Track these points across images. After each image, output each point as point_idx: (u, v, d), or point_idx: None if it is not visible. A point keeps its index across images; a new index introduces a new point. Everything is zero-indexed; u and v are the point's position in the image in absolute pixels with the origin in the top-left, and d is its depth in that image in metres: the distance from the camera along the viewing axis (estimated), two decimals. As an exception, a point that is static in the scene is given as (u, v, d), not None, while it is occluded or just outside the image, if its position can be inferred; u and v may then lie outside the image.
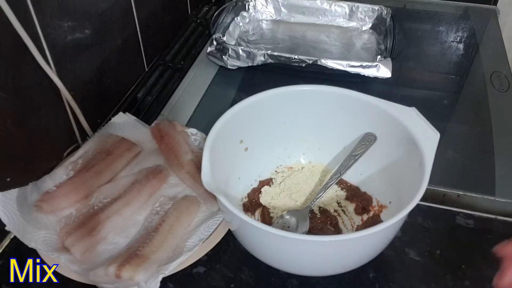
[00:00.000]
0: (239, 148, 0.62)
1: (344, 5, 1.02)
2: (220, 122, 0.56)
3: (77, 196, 0.60)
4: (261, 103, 0.61)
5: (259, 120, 0.62)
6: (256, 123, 0.62)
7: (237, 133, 0.61)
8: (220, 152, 0.55)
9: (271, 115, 0.62)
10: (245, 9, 1.02)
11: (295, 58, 0.83)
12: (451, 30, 1.05)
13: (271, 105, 0.62)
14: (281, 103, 0.62)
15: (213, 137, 0.55)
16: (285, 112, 0.63)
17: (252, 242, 0.52)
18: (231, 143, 0.61)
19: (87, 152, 0.66)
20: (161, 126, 0.69)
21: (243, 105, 0.59)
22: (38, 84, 0.61)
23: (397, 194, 0.58)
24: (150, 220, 0.59)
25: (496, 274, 0.43)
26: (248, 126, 0.61)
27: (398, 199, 0.57)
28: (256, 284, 0.54)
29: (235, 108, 0.58)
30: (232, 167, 0.61)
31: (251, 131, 0.62)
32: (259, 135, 0.63)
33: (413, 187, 0.49)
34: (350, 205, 0.62)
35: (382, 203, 0.60)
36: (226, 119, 0.57)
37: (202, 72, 0.89)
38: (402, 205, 0.47)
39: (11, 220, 0.55)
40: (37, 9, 0.57)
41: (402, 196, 0.55)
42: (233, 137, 0.60)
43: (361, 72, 0.82)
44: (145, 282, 0.50)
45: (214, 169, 0.51)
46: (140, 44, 0.87)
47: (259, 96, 0.60)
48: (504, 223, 0.61)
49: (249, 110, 0.60)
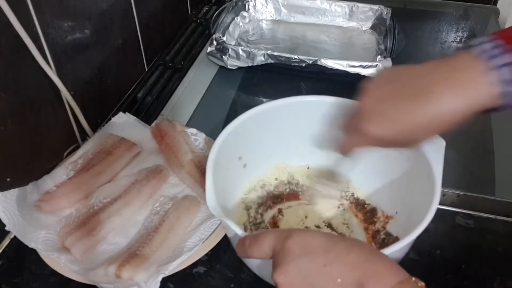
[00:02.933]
0: (238, 165, 0.61)
1: (344, 5, 1.02)
2: (220, 140, 0.55)
3: (77, 196, 0.60)
4: (260, 116, 0.59)
5: (257, 135, 0.60)
6: (253, 137, 0.60)
7: (236, 149, 0.59)
8: (222, 171, 0.54)
9: (268, 128, 0.60)
10: (245, 9, 1.02)
11: (295, 58, 0.83)
12: (451, 30, 1.05)
13: (268, 118, 0.60)
14: (278, 115, 0.60)
15: (214, 157, 0.53)
16: (282, 125, 0.61)
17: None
18: (231, 160, 0.59)
19: (87, 152, 0.66)
20: (161, 126, 0.69)
21: (242, 120, 0.57)
22: (38, 84, 0.61)
23: (403, 204, 0.56)
24: (150, 220, 0.59)
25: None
26: (245, 142, 0.59)
27: (405, 209, 0.55)
28: (256, 284, 0.54)
29: (234, 123, 0.57)
30: (232, 185, 0.60)
31: (249, 146, 0.60)
32: (257, 150, 0.61)
33: (422, 196, 0.47)
34: (354, 217, 0.61)
35: (388, 213, 0.58)
36: (225, 136, 0.55)
37: (202, 72, 0.89)
38: (411, 215, 0.45)
39: (11, 220, 0.55)
40: (37, 9, 0.57)
41: (410, 206, 0.53)
42: (232, 154, 0.59)
43: (361, 72, 0.82)
44: (145, 282, 0.50)
45: (217, 190, 0.50)
46: (140, 44, 0.87)
47: (258, 109, 0.59)
48: (504, 223, 0.61)
49: (247, 125, 0.58)
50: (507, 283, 0.54)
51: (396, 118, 0.42)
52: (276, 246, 0.40)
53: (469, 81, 0.40)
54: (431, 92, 0.41)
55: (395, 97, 0.43)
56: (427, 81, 0.41)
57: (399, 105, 0.42)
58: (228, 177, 0.58)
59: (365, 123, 0.44)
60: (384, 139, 0.44)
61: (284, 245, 0.39)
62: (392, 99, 0.43)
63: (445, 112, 0.41)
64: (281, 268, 0.38)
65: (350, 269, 0.37)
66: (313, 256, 0.38)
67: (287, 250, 0.38)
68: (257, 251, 0.41)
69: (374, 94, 0.44)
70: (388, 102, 0.43)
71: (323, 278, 0.37)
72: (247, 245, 0.42)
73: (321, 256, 0.37)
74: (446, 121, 0.41)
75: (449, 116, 0.41)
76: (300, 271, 0.37)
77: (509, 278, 0.54)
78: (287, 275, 0.38)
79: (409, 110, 0.42)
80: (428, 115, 0.41)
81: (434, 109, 0.41)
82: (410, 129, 0.42)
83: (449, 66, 0.42)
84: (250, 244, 0.42)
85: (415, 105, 0.41)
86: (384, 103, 0.43)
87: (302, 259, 0.38)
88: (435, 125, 0.42)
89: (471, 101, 0.40)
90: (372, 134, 0.44)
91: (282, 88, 0.86)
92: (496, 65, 0.39)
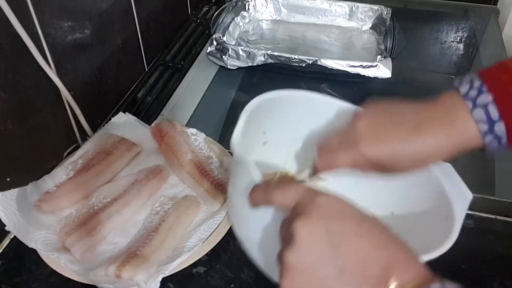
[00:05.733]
0: (259, 139, 0.57)
1: (344, 5, 1.02)
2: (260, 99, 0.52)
3: (77, 196, 0.60)
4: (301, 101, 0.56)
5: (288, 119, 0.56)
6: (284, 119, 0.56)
7: (265, 121, 0.55)
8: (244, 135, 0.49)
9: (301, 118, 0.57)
10: (245, 9, 1.03)
11: (295, 58, 0.83)
12: (451, 30, 1.05)
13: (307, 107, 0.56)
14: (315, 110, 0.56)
15: (252, 107, 0.49)
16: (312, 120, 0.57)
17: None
18: (256, 130, 0.55)
19: (87, 152, 0.66)
20: (161, 126, 0.69)
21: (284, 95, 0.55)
22: (38, 84, 0.61)
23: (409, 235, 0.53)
24: (150, 220, 0.59)
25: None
26: (276, 120, 0.56)
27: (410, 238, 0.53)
28: (256, 284, 0.54)
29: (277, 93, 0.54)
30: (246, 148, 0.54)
31: (277, 126, 0.56)
32: (283, 134, 0.57)
33: (434, 234, 0.47)
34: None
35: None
36: (266, 98, 0.52)
37: (202, 72, 0.89)
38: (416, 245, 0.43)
39: (11, 220, 0.55)
40: (37, 9, 0.57)
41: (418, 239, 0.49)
42: (259, 123, 0.54)
43: (361, 72, 0.82)
44: (145, 282, 0.50)
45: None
46: (140, 44, 0.87)
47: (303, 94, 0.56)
48: (504, 223, 0.61)
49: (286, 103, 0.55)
50: (507, 283, 0.54)
51: (389, 141, 0.44)
52: (304, 198, 0.37)
53: (454, 121, 0.42)
54: (422, 128, 0.43)
55: (390, 124, 0.45)
56: (418, 118, 0.44)
57: (393, 132, 0.44)
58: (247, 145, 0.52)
59: (360, 143, 0.45)
60: (373, 160, 0.45)
61: (315, 199, 0.36)
62: (387, 125, 0.45)
63: (430, 148, 0.43)
64: (307, 219, 0.35)
65: (379, 245, 0.35)
66: (345, 222, 0.35)
67: (317, 205, 0.36)
68: (279, 195, 0.38)
69: (371, 120, 0.46)
70: (383, 128, 0.45)
71: (348, 247, 0.34)
72: (271, 188, 0.39)
73: (354, 224, 0.35)
74: (433, 156, 0.44)
75: (435, 153, 0.43)
76: (326, 231, 0.35)
77: (509, 278, 0.55)
78: (311, 229, 0.35)
79: (401, 137, 0.44)
80: (417, 148, 0.43)
81: (422, 144, 0.43)
82: (400, 155, 0.44)
83: (439, 105, 0.44)
84: (275, 188, 0.39)
85: (408, 135, 0.43)
86: (379, 128, 0.45)
87: (332, 220, 0.35)
88: (422, 158, 0.44)
89: (456, 140, 0.43)
90: (364, 152, 0.45)
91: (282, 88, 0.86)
92: (478, 104, 0.41)
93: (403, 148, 0.43)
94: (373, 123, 0.46)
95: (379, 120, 0.46)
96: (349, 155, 0.46)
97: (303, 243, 0.35)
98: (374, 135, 0.45)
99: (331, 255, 0.34)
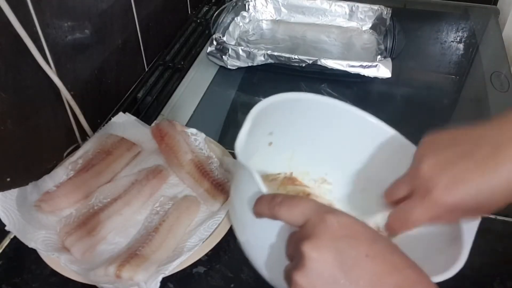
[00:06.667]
0: (265, 138, 0.56)
1: (344, 5, 1.02)
2: (268, 101, 0.50)
3: (77, 196, 0.60)
4: (307, 104, 0.55)
5: (296, 122, 0.55)
6: (292, 122, 0.55)
7: (272, 122, 0.54)
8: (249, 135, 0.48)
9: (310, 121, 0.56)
10: (245, 9, 1.02)
11: (295, 58, 0.83)
12: (451, 30, 1.05)
13: (314, 109, 0.55)
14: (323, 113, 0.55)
15: (259, 109, 0.48)
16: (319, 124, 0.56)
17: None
18: (261, 130, 0.54)
19: (87, 152, 0.66)
20: (161, 126, 0.69)
21: (290, 97, 0.53)
22: (38, 84, 0.61)
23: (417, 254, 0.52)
24: (150, 220, 0.59)
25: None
26: (284, 121, 0.55)
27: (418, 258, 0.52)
28: (256, 284, 0.54)
29: (283, 96, 0.52)
30: (250, 150, 0.52)
31: (283, 127, 0.55)
32: (289, 135, 0.56)
33: (443, 254, 0.45)
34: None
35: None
36: (272, 101, 0.51)
37: (202, 72, 0.89)
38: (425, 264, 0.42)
39: (11, 220, 0.55)
40: (37, 9, 0.57)
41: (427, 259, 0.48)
42: (265, 124, 0.53)
43: (361, 72, 0.82)
44: (145, 282, 0.50)
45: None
46: (140, 44, 0.87)
47: (308, 96, 0.54)
48: (504, 223, 0.61)
49: (292, 105, 0.54)
50: (507, 283, 0.54)
51: (471, 179, 0.38)
52: (314, 216, 0.35)
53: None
54: (502, 152, 0.37)
55: (462, 158, 0.38)
56: (492, 142, 0.38)
57: (471, 166, 0.38)
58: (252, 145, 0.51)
59: (435, 191, 0.39)
60: (458, 207, 0.39)
61: (325, 218, 0.35)
62: (460, 161, 0.39)
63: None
64: (317, 242, 0.34)
65: (392, 269, 0.34)
66: (357, 243, 0.34)
67: (329, 225, 0.34)
68: (287, 212, 0.36)
69: (437, 160, 0.40)
70: (456, 165, 0.38)
71: (361, 270, 0.33)
72: (278, 202, 0.37)
73: (366, 245, 0.34)
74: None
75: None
76: (337, 252, 0.33)
77: (509, 278, 0.55)
78: (321, 251, 0.33)
79: (483, 169, 0.37)
80: (503, 176, 0.37)
81: (508, 171, 0.37)
82: (487, 190, 0.38)
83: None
84: (282, 202, 0.37)
85: (490, 164, 0.37)
86: (452, 166, 0.39)
87: (343, 240, 0.34)
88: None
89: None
90: (445, 202, 0.39)
91: (282, 88, 0.85)
92: None
93: (491, 182, 0.37)
94: (442, 160, 0.39)
95: (448, 158, 0.39)
96: (425, 209, 0.40)
97: (313, 266, 0.33)
98: (451, 177, 0.38)
99: (342, 280, 0.33)
